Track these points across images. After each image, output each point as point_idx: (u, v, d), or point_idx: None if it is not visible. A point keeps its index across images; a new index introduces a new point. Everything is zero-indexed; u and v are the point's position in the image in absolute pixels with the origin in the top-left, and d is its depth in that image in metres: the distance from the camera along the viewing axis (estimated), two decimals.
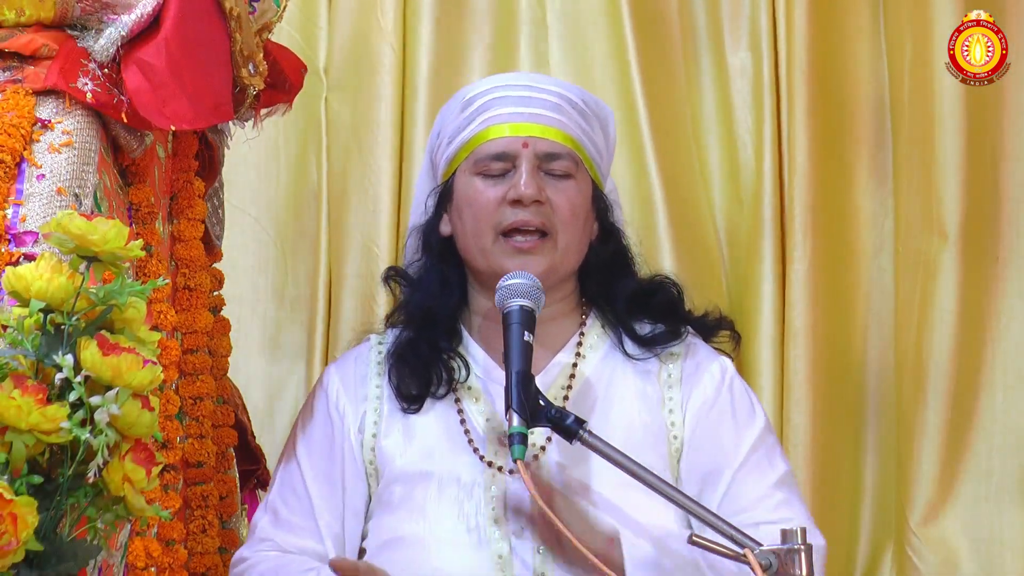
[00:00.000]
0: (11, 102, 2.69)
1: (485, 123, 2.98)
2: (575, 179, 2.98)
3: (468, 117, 2.99)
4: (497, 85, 3.02)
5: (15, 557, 2.21)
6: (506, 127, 2.97)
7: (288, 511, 2.97)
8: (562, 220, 2.95)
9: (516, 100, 2.99)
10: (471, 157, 2.98)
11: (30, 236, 2.61)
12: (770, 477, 2.93)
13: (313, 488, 2.98)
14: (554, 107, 2.99)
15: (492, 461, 2.92)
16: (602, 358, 3.01)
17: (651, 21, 3.90)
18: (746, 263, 3.86)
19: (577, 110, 3.00)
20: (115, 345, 2.30)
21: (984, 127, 3.82)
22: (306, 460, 3.00)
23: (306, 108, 3.89)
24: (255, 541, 2.97)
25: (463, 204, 2.98)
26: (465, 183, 2.99)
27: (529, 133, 2.97)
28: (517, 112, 2.98)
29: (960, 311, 3.78)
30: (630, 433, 2.92)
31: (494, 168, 2.96)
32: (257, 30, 2.88)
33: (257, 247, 3.92)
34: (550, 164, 2.96)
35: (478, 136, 2.98)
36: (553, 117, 2.98)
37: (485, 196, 2.96)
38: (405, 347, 3.02)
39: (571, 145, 2.98)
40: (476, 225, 2.96)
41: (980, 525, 3.78)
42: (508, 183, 2.95)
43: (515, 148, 2.96)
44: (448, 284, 3.03)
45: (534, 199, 2.93)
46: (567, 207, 2.96)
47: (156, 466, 2.34)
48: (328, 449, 3.00)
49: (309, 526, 2.96)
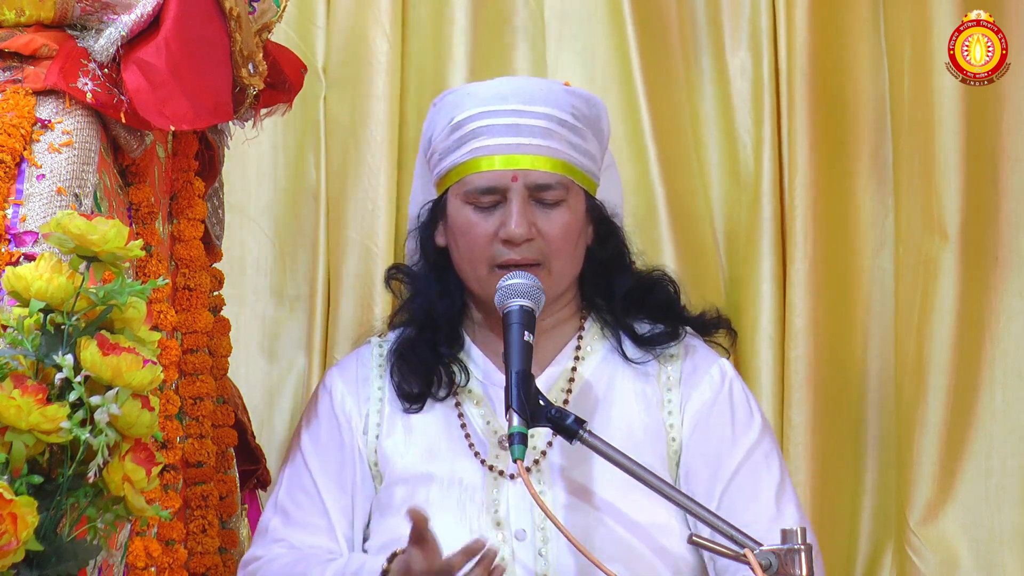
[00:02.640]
0: (11, 102, 2.69)
1: (473, 152, 2.96)
2: (567, 203, 2.97)
3: (457, 140, 2.97)
4: (485, 110, 2.97)
5: (15, 557, 2.21)
6: (495, 159, 2.95)
7: (300, 511, 2.97)
8: (554, 250, 2.95)
9: (504, 129, 2.96)
10: (461, 184, 2.97)
11: (30, 236, 2.61)
12: (766, 483, 2.93)
13: (323, 488, 2.97)
14: (543, 132, 2.96)
15: (493, 465, 2.92)
16: (601, 360, 3.01)
17: (651, 20, 3.89)
18: (745, 263, 3.86)
19: (567, 127, 2.98)
20: (115, 345, 2.30)
21: (984, 127, 3.82)
22: (314, 461, 3.00)
23: (305, 108, 3.88)
24: (267, 541, 2.95)
25: (456, 231, 2.98)
26: (457, 209, 2.98)
27: (518, 165, 2.95)
28: (505, 144, 2.95)
29: (960, 311, 3.78)
30: (630, 434, 2.92)
31: (484, 201, 2.96)
32: (257, 30, 2.88)
33: (256, 247, 3.91)
34: (541, 194, 2.95)
35: (467, 165, 2.97)
36: (542, 145, 2.95)
37: (477, 230, 2.95)
38: (407, 346, 3.02)
39: (562, 171, 2.96)
40: (470, 256, 2.96)
41: (980, 525, 3.77)
42: (499, 216, 2.94)
43: (504, 182, 2.95)
44: (448, 292, 3.03)
45: (525, 238, 2.92)
46: (559, 236, 2.95)
47: (156, 466, 2.34)
48: (336, 450, 3.00)
49: (323, 524, 2.95)
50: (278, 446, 3.74)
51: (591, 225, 3.04)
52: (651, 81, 3.87)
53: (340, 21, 3.93)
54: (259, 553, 2.94)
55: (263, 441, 3.36)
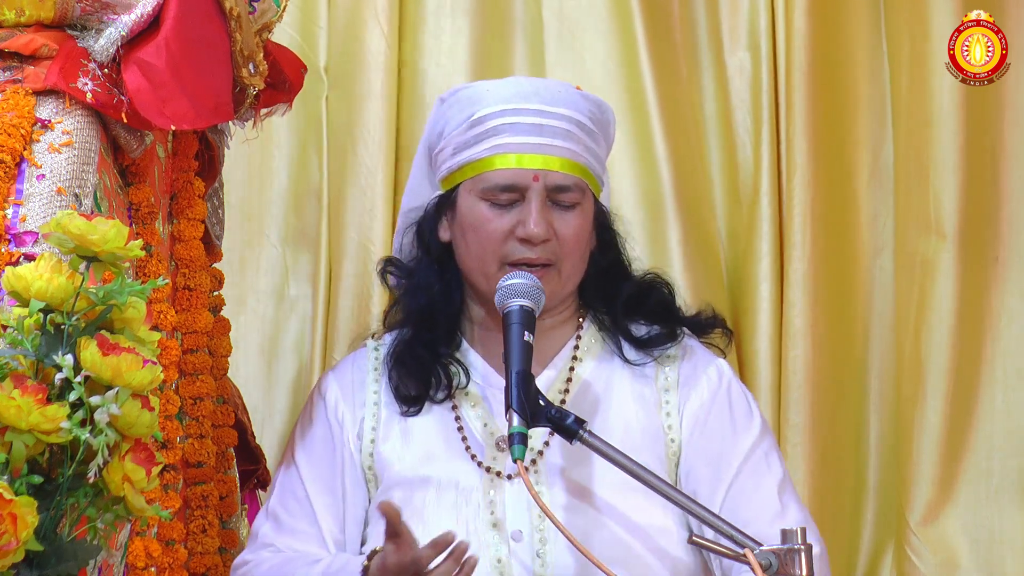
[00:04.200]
0: (11, 102, 2.69)
1: (494, 149, 2.96)
2: (581, 207, 2.97)
3: (476, 136, 2.97)
4: (508, 108, 2.97)
5: (15, 557, 2.21)
6: (516, 157, 2.95)
7: (290, 517, 2.97)
8: (567, 251, 2.95)
9: (527, 128, 2.96)
10: (478, 180, 2.97)
11: (30, 236, 2.61)
12: (767, 483, 2.93)
13: (314, 494, 2.97)
14: (564, 135, 2.96)
15: (490, 466, 2.92)
16: (599, 362, 3.01)
17: (653, 20, 3.89)
18: (745, 263, 3.86)
19: (585, 131, 2.98)
20: (115, 345, 2.30)
21: (983, 127, 3.82)
22: (306, 467, 3.00)
23: (306, 108, 3.88)
24: (258, 546, 2.96)
25: (467, 226, 2.97)
26: (470, 205, 2.97)
27: (539, 165, 2.95)
28: (527, 143, 2.96)
29: (959, 311, 3.78)
30: (628, 435, 2.92)
31: (502, 198, 2.95)
32: (257, 30, 2.88)
33: (257, 247, 3.92)
34: (559, 195, 2.95)
35: (486, 161, 2.96)
36: (563, 147, 2.96)
37: (492, 226, 2.95)
38: (404, 349, 3.02)
39: (579, 174, 2.97)
40: (481, 252, 2.96)
41: (980, 525, 3.77)
42: (516, 215, 2.94)
43: (525, 181, 2.95)
44: (448, 289, 3.03)
45: (543, 239, 2.93)
46: (573, 238, 2.96)
47: (156, 466, 2.34)
48: (328, 457, 3.00)
49: (313, 532, 2.95)
50: (278, 446, 3.74)
51: (595, 231, 3.04)
52: (658, 81, 3.86)
53: (341, 21, 3.93)
54: (248, 557, 2.96)
55: (263, 441, 3.37)
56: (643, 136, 3.87)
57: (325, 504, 2.97)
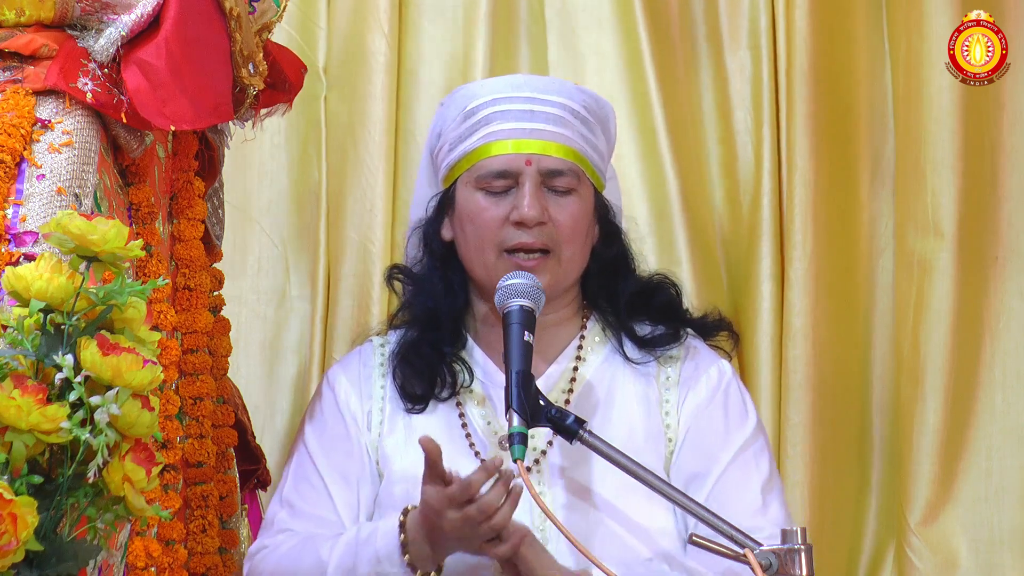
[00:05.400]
0: (11, 102, 2.69)
1: (487, 137, 2.97)
2: (577, 193, 2.98)
3: (470, 128, 2.98)
4: (499, 96, 3.00)
5: (15, 557, 2.21)
6: (508, 143, 2.96)
7: (306, 504, 2.97)
8: (565, 237, 2.96)
9: (519, 114, 2.98)
10: (473, 170, 2.98)
11: (30, 236, 2.61)
12: (753, 480, 2.93)
13: (330, 481, 2.97)
14: (557, 120, 2.97)
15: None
16: (602, 361, 3.02)
17: (654, 20, 3.89)
18: (745, 263, 3.86)
19: (579, 119, 2.99)
20: (115, 345, 2.30)
21: (983, 127, 3.82)
22: (320, 455, 3.00)
23: (306, 108, 3.88)
24: (274, 532, 2.96)
25: (465, 218, 2.98)
26: (467, 196, 2.98)
27: (532, 150, 2.96)
28: (519, 128, 2.97)
29: (958, 311, 3.78)
30: (631, 435, 2.92)
31: (496, 185, 2.96)
32: (257, 30, 2.88)
33: (257, 247, 3.91)
34: (553, 181, 2.96)
35: (480, 150, 2.97)
36: (556, 132, 2.97)
37: (488, 214, 2.95)
38: (409, 348, 3.02)
39: (574, 159, 2.97)
40: (479, 241, 2.96)
41: (980, 525, 3.77)
42: (511, 201, 2.95)
43: (518, 166, 2.95)
44: (452, 288, 3.03)
45: (537, 221, 2.93)
46: (569, 224, 2.96)
47: (156, 466, 2.34)
48: (342, 445, 3.00)
49: (330, 517, 2.95)
50: (278, 446, 3.74)
51: (597, 224, 3.04)
52: (660, 81, 3.86)
53: (341, 21, 3.93)
54: (266, 542, 2.95)
55: (263, 441, 3.36)
56: (647, 136, 3.86)
57: (340, 489, 2.97)
